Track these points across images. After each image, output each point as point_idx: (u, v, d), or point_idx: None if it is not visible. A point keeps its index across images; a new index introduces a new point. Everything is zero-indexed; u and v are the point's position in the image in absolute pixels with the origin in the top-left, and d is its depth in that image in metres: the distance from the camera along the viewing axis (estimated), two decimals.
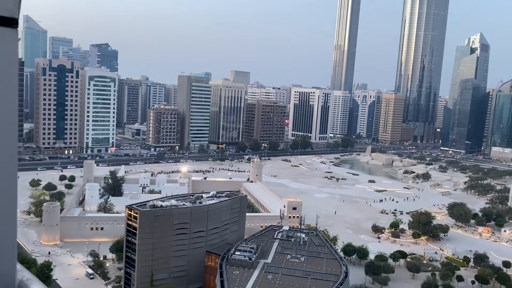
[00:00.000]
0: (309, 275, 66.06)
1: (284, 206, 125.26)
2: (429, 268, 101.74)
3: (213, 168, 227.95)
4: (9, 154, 2.63)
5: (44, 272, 73.46)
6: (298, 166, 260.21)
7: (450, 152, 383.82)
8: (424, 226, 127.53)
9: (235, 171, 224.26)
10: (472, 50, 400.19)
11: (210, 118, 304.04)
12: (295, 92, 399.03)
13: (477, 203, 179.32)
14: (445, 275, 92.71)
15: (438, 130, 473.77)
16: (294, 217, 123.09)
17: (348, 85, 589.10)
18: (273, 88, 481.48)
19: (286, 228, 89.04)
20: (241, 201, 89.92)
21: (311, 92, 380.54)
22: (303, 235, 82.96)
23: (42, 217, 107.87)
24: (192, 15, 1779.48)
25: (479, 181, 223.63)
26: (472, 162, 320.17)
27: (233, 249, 73.22)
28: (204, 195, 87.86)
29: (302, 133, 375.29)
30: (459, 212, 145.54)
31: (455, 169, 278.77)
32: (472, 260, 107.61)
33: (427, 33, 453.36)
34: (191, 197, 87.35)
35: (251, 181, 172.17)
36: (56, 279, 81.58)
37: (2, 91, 2.65)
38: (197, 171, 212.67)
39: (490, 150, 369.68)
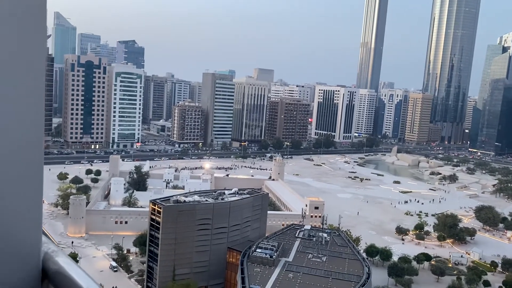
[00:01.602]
0: (331, 275, 65.39)
1: (306, 205, 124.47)
2: (455, 272, 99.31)
3: (235, 166, 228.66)
4: (36, 138, 2.83)
5: None
6: (321, 165, 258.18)
7: (479, 153, 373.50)
8: (450, 228, 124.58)
9: (257, 169, 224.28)
10: (504, 49, 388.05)
11: (233, 115, 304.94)
12: (319, 90, 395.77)
13: (506, 207, 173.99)
14: (471, 279, 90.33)
15: (466, 131, 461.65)
16: (316, 216, 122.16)
17: (374, 83, 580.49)
18: (296, 86, 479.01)
19: (308, 227, 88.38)
20: (262, 198, 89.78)
21: (336, 90, 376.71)
22: (325, 235, 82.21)
23: (68, 210, 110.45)
24: (217, 13, 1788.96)
25: (509, 184, 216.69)
26: (502, 164, 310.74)
27: (254, 246, 73.17)
28: (226, 192, 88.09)
29: (325, 132, 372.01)
30: (487, 216, 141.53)
31: (484, 171, 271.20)
32: (500, 265, 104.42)
33: (457, 31, 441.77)
34: (213, 193, 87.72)
35: (273, 179, 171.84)
36: None
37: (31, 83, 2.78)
38: (219, 168, 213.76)
39: None
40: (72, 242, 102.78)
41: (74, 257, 77.07)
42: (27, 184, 2.81)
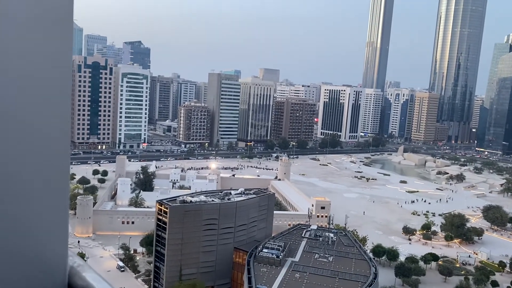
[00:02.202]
0: (337, 275, 65.29)
1: (312, 205, 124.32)
2: (462, 272, 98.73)
3: (241, 166, 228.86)
4: (64, 150, 2.77)
5: None
6: (327, 165, 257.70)
7: (486, 153, 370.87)
8: (457, 228, 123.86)
9: (263, 168, 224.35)
10: None
11: (239, 115, 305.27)
12: (325, 90, 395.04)
13: None
14: (479, 279, 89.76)
15: (473, 130, 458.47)
16: (322, 216, 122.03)
17: (380, 83, 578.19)
18: (302, 86, 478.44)
19: (314, 227, 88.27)
20: (269, 198, 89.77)
21: (342, 90, 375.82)
22: (331, 235, 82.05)
23: (76, 210, 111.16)
24: (222, 13, 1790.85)
25: None
26: (510, 163, 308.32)
27: (261, 246, 73.21)
28: (233, 192, 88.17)
29: (331, 132, 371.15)
30: (494, 215, 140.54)
31: (491, 171, 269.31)
32: (508, 265, 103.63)
33: (464, 30, 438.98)
34: (219, 193, 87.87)
35: (279, 179, 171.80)
36: None
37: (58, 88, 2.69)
38: (225, 168, 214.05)
39: None
40: (79, 242, 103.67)
41: (81, 256, 77.58)
42: (54, 194, 2.71)
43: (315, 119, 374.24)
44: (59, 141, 2.70)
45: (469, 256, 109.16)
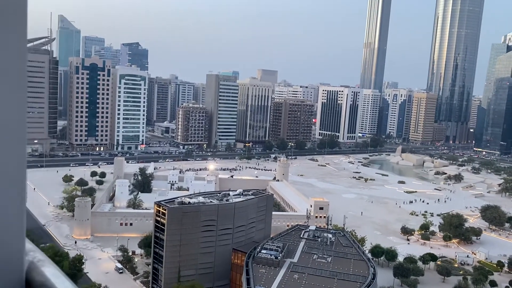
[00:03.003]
0: (336, 276, 65.27)
1: (311, 206, 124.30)
2: (461, 272, 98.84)
3: (240, 167, 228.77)
4: (20, 142, 2.80)
5: (75, 265, 75.48)
6: (325, 165, 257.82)
7: (484, 153, 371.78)
8: (455, 228, 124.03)
9: (262, 169, 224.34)
10: (509, 48, 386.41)
11: (237, 116, 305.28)
12: (323, 90, 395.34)
13: None
14: (478, 279, 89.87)
15: (471, 130, 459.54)
16: (321, 217, 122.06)
17: (378, 83, 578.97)
18: (300, 86, 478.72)
19: (312, 228, 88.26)
20: (267, 199, 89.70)
21: (340, 91, 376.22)
22: (330, 235, 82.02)
23: (74, 212, 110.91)
24: (220, 15, 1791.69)
25: None
26: (507, 163, 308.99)
27: (259, 247, 73.14)
28: (231, 193, 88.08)
29: (329, 133, 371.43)
30: (492, 215, 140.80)
31: (489, 171, 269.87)
32: (506, 265, 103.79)
33: (461, 31, 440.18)
34: (218, 194, 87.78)
35: (278, 180, 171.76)
36: (87, 273, 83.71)
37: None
38: (224, 169, 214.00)
39: None
40: (76, 242, 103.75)
41: (80, 259, 77.37)
42: (9, 187, 2.66)
43: (313, 120, 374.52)
44: (14, 133, 2.69)
45: (468, 256, 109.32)
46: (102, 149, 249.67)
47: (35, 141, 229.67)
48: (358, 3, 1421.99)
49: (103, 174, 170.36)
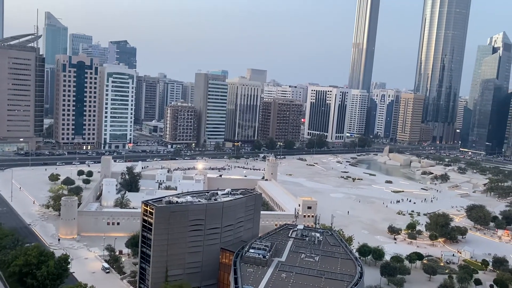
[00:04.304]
0: (323, 275, 65.46)
1: (299, 205, 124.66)
2: (446, 271, 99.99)
3: (229, 166, 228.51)
4: None
5: (61, 265, 74.49)
6: (313, 165, 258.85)
7: (470, 153, 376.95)
8: (441, 228, 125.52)
9: (250, 169, 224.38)
10: (494, 50, 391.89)
11: (226, 116, 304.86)
12: (312, 90, 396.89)
13: (496, 206, 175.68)
14: (463, 278, 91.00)
15: (457, 130, 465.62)
16: (309, 216, 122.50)
17: (366, 84, 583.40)
18: (289, 86, 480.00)
19: (300, 227, 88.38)
20: (256, 199, 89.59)
21: (328, 91, 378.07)
22: (317, 235, 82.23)
23: (60, 211, 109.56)
24: (209, 13, 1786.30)
25: (499, 183, 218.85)
26: (493, 163, 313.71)
27: (248, 247, 73.02)
28: (219, 192, 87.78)
29: (318, 132, 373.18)
30: (478, 215, 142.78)
31: (475, 171, 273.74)
32: (491, 263, 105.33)
33: (448, 32, 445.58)
34: (206, 194, 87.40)
35: (266, 180, 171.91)
36: (73, 272, 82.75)
37: None
38: (212, 169, 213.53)
39: (511, 152, 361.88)
40: (59, 240, 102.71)
41: (66, 259, 76.34)
42: None
43: (302, 120, 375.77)
44: None
45: (453, 255, 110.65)
46: (89, 148, 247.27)
47: (21, 139, 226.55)
48: (347, 4, 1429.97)
49: (90, 173, 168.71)
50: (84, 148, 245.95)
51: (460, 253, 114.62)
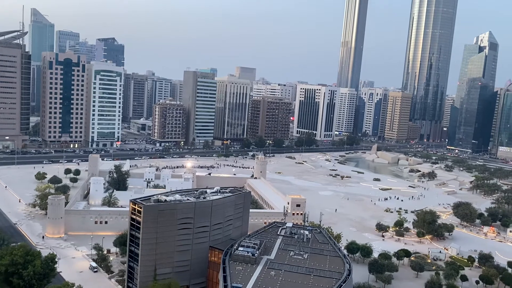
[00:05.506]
0: (312, 272, 65.74)
1: (288, 203, 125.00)
2: (433, 267, 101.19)
3: (218, 164, 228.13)
4: None
5: (48, 264, 73.66)
6: (302, 163, 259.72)
7: (457, 151, 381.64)
8: (428, 225, 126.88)
9: (240, 167, 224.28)
10: (481, 49, 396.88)
11: (215, 114, 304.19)
12: (301, 89, 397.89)
13: (482, 203, 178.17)
14: (449, 274, 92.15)
15: (444, 129, 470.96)
16: (298, 214, 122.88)
17: (355, 82, 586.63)
18: (278, 84, 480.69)
19: (289, 225, 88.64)
20: (245, 197, 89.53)
21: (317, 89, 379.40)
22: (306, 232, 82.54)
23: (47, 210, 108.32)
24: (199, 11, 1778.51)
25: (485, 181, 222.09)
26: (479, 161, 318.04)
27: (237, 245, 73.01)
28: (208, 191, 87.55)
29: (307, 130, 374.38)
30: (464, 212, 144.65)
31: (461, 169, 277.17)
32: (476, 260, 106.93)
33: (435, 31, 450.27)
34: (195, 192, 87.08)
35: (255, 178, 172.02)
36: (60, 272, 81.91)
37: None
38: (201, 167, 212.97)
39: (497, 150, 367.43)
40: (43, 237, 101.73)
41: (52, 258, 75.47)
42: None
43: (291, 118, 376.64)
44: None
45: (440, 252, 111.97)
46: (76, 146, 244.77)
47: (6, 137, 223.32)
48: (336, 3, 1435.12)
49: (77, 172, 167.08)
50: (72, 146, 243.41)
51: (447, 250, 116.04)
